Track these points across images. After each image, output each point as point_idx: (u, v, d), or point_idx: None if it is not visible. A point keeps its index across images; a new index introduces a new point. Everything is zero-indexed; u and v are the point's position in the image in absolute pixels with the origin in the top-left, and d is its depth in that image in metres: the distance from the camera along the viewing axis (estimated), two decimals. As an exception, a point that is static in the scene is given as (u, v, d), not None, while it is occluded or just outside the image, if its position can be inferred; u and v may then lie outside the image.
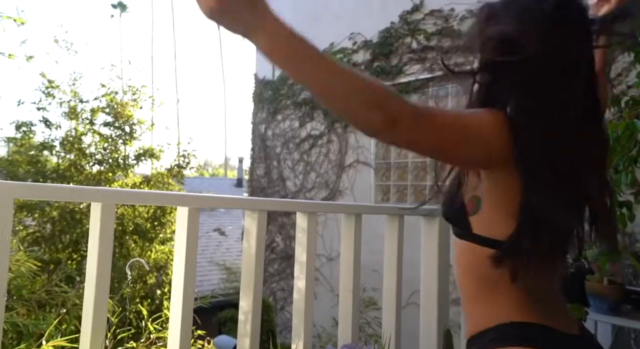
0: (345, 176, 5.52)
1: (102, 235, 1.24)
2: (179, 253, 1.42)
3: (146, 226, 5.01)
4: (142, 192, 2.12)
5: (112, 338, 1.48)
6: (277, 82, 6.53)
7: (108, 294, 1.24)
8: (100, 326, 1.21)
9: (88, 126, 5.37)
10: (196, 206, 1.43)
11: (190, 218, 1.42)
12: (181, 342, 1.35)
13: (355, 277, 1.83)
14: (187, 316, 1.38)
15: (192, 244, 1.43)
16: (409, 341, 2.08)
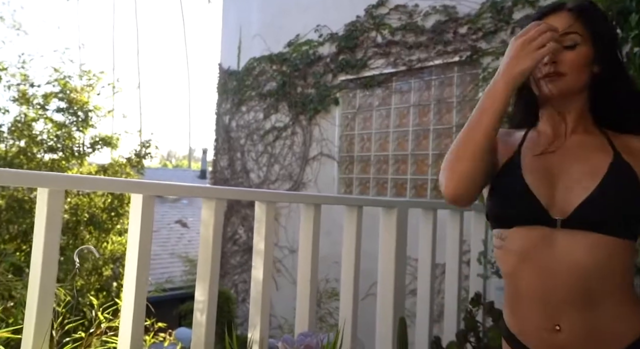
0: (309, 169, 5.53)
1: (49, 223, 1.20)
2: (133, 241, 1.39)
3: (102, 216, 4.86)
4: (94, 178, 2.05)
5: (59, 328, 1.43)
6: (242, 72, 6.45)
7: (54, 284, 1.21)
8: (45, 317, 1.17)
9: (40, 112, 5.14)
10: (151, 193, 1.40)
11: (145, 205, 1.39)
12: (133, 331, 1.32)
13: (313, 267, 1.84)
14: (139, 305, 1.35)
15: (147, 232, 1.40)
16: (367, 331, 2.12)
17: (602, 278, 0.89)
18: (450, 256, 2.44)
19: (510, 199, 0.96)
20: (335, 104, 5.32)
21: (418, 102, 4.68)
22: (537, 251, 0.91)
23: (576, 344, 0.90)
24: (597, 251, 0.88)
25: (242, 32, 6.56)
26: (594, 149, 0.96)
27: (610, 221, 0.89)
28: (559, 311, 0.90)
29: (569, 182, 0.93)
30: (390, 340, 2.02)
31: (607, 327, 0.90)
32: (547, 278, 0.90)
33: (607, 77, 0.96)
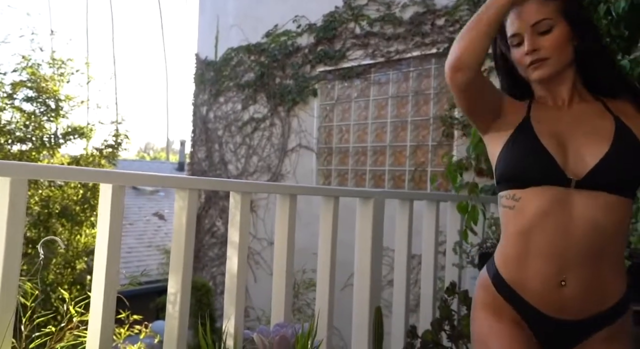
0: (288, 160, 5.51)
1: (12, 214, 1.15)
2: (102, 233, 1.36)
3: (75, 208, 4.75)
4: (59, 167, 1.99)
5: (27, 323, 1.39)
6: (219, 63, 6.36)
7: (17, 277, 1.16)
8: (7, 311, 1.13)
9: (7, 101, 4.96)
10: (120, 183, 1.37)
11: (114, 196, 1.36)
12: (103, 323, 1.29)
13: (289, 257, 1.83)
14: (109, 297, 1.32)
15: (116, 223, 1.37)
16: (346, 321, 2.13)
17: (611, 237, 0.96)
18: (426, 247, 2.47)
19: (527, 158, 1.01)
20: (313, 96, 5.30)
21: (396, 93, 4.70)
22: (555, 211, 0.97)
23: (577, 298, 0.96)
24: (610, 212, 0.95)
25: (220, 21, 6.46)
26: (595, 115, 1.02)
27: (622, 182, 0.96)
28: (567, 267, 0.96)
29: (578, 146, 0.98)
30: (366, 329, 2.03)
31: (605, 284, 0.98)
32: (563, 236, 0.95)
33: (589, 47, 1.02)
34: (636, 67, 1.37)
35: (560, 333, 1.01)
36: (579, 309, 0.98)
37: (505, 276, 1.03)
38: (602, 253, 0.96)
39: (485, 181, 3.47)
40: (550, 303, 0.99)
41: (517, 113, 1.07)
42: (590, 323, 0.99)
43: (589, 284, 0.97)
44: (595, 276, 0.97)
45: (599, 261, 0.96)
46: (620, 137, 0.97)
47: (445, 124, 4.21)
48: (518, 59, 1.03)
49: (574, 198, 0.95)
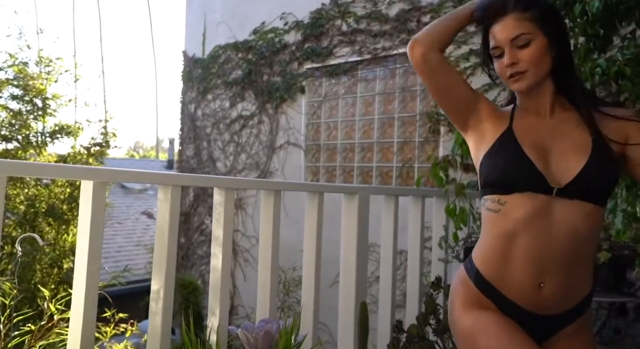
0: (276, 157, 5.50)
1: (-10, 210, 1.14)
2: (83, 231, 1.35)
3: (62, 207, 4.70)
4: (39, 164, 1.96)
5: (6, 321, 1.37)
6: (207, 60, 6.33)
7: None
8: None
9: (-8, 99, 4.89)
10: (102, 180, 1.36)
11: (95, 193, 1.35)
12: (84, 321, 1.29)
13: (273, 253, 1.83)
14: (91, 295, 1.31)
15: (98, 221, 1.36)
16: (334, 318, 2.13)
17: (586, 242, 1.03)
18: (412, 242, 2.48)
19: (511, 167, 1.05)
20: (301, 93, 5.29)
21: (383, 90, 4.71)
22: (538, 217, 1.01)
23: (552, 299, 1.03)
24: (587, 219, 1.01)
25: (207, 19, 6.42)
26: (575, 125, 1.07)
27: (599, 191, 1.02)
28: (546, 271, 1.01)
29: (559, 156, 1.04)
30: (352, 325, 2.04)
31: (578, 284, 1.05)
32: (545, 241, 1.00)
33: (565, 55, 1.07)
34: (612, 66, 1.39)
35: (535, 326, 1.06)
36: (554, 307, 1.05)
37: (486, 274, 1.07)
38: (578, 257, 1.02)
39: (471, 176, 3.50)
40: (528, 300, 1.04)
41: (500, 121, 1.12)
42: (562, 318, 1.06)
43: (566, 286, 1.03)
44: (571, 278, 1.03)
45: (575, 264, 1.02)
46: (598, 148, 1.02)
47: (432, 121, 4.23)
48: (499, 70, 1.09)
49: (555, 206, 1.00)
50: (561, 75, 1.08)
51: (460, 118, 1.16)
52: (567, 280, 1.02)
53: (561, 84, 1.09)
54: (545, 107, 1.09)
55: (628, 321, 2.74)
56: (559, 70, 1.07)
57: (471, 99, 1.13)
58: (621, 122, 1.05)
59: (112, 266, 5.24)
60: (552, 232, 1.00)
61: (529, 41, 1.03)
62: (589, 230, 1.02)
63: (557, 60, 1.06)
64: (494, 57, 1.09)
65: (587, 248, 1.04)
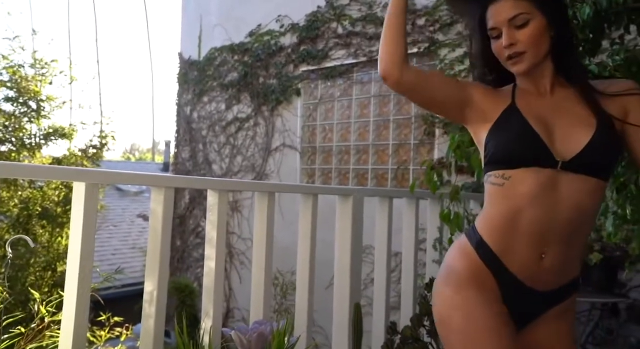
0: (272, 160, 5.50)
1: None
2: (75, 233, 1.35)
3: (56, 210, 4.68)
4: (31, 166, 1.97)
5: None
6: (203, 62, 6.33)
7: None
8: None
9: (-15, 101, 4.86)
10: (94, 182, 1.36)
11: (88, 194, 1.35)
12: (76, 324, 1.29)
13: (267, 255, 1.84)
14: (83, 298, 1.31)
15: (90, 222, 1.36)
16: (330, 320, 2.13)
17: (588, 217, 1.04)
18: (406, 244, 2.49)
19: (519, 140, 1.05)
20: (297, 95, 5.30)
21: (378, 92, 4.72)
22: (543, 191, 1.02)
23: (552, 270, 1.04)
24: (592, 194, 1.02)
25: (203, 21, 6.42)
26: (576, 102, 1.06)
27: (603, 166, 1.03)
28: (548, 243, 1.02)
29: (564, 131, 1.03)
30: (346, 326, 2.04)
31: (574, 259, 1.07)
32: (549, 215, 1.01)
33: (564, 35, 1.07)
34: (603, 71, 1.41)
35: (530, 303, 1.07)
36: (551, 280, 1.06)
37: (491, 244, 1.06)
38: (578, 231, 1.04)
39: (465, 178, 3.51)
40: (528, 273, 1.05)
41: (500, 99, 1.11)
42: (555, 294, 1.08)
43: (564, 258, 1.04)
44: (570, 251, 1.05)
45: (574, 238, 1.04)
46: (602, 123, 1.02)
47: (427, 123, 4.25)
48: (497, 51, 1.08)
49: (561, 180, 1.01)
50: (560, 55, 1.07)
51: (455, 115, 1.16)
52: (566, 252, 1.04)
53: (560, 64, 1.08)
54: (545, 87, 1.09)
55: (620, 321, 2.75)
56: (558, 50, 1.07)
57: (459, 95, 1.13)
58: (618, 97, 1.04)
59: (107, 268, 5.21)
60: (558, 205, 1.01)
61: (527, 21, 1.02)
62: (592, 205, 1.03)
63: (555, 40, 1.05)
64: (491, 38, 1.08)
65: (587, 224, 1.06)
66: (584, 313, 2.76)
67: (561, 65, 1.08)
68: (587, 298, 2.40)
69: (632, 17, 1.41)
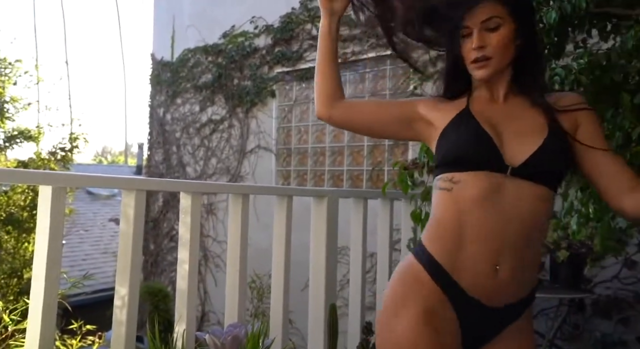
0: (247, 162, 5.47)
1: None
2: (42, 238, 1.31)
3: (22, 215, 4.53)
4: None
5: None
6: (176, 64, 6.24)
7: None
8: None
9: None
10: (61, 185, 1.33)
11: (55, 198, 1.31)
12: (42, 333, 1.25)
13: (242, 257, 1.82)
14: (49, 305, 1.28)
15: (57, 228, 1.32)
16: (306, 321, 2.13)
17: (537, 226, 1.02)
18: (381, 244, 2.51)
19: (471, 143, 1.04)
20: (272, 97, 5.28)
21: (353, 94, 4.75)
22: (491, 196, 1.00)
23: (505, 283, 1.00)
24: (539, 201, 1.00)
25: (175, 22, 6.34)
26: (528, 108, 1.06)
27: (552, 174, 1.02)
28: (501, 252, 0.99)
29: (513, 137, 1.03)
30: (322, 327, 2.05)
31: (528, 270, 1.03)
32: (499, 221, 0.99)
33: (529, 48, 1.07)
34: (569, 74, 1.45)
35: (485, 323, 1.02)
36: (509, 293, 1.01)
37: (442, 260, 1.01)
38: (530, 240, 1.01)
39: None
40: (482, 288, 0.99)
41: (451, 108, 1.11)
42: (514, 309, 1.03)
43: (518, 270, 1.00)
44: (523, 262, 1.01)
45: (526, 248, 1.01)
46: (553, 131, 1.02)
47: (401, 124, 4.29)
48: (465, 51, 1.06)
49: (508, 186, 0.99)
50: (522, 65, 1.07)
51: (405, 134, 1.20)
52: (520, 265, 1.00)
53: (519, 73, 1.08)
54: (499, 93, 1.09)
55: (586, 316, 2.84)
56: (521, 60, 1.07)
57: (402, 114, 1.15)
58: (568, 112, 1.04)
59: (78, 274, 5.08)
60: (506, 211, 0.98)
61: (499, 25, 1.02)
62: (540, 215, 1.01)
63: (520, 50, 1.05)
64: (461, 37, 1.06)
65: (537, 233, 1.03)
66: (552, 309, 2.84)
67: (519, 75, 1.08)
68: (555, 294, 2.47)
69: (593, 22, 1.46)
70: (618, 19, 1.46)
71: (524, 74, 1.08)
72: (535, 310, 2.95)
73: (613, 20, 1.48)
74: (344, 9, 1.23)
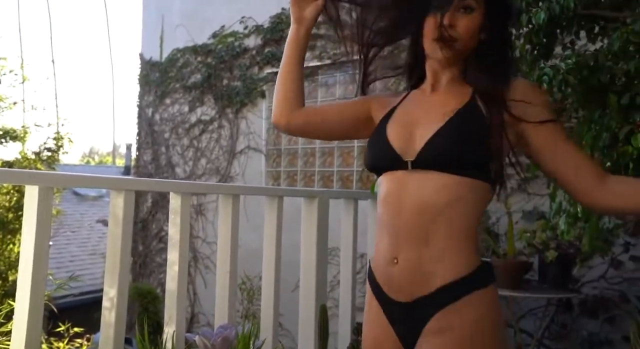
0: (237, 162, 5.44)
1: None
2: (28, 239, 1.29)
3: (7, 216, 4.45)
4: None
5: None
6: (165, 64, 6.20)
7: None
8: None
9: None
10: (48, 185, 1.31)
11: (41, 199, 1.29)
12: (28, 335, 1.23)
13: (232, 258, 1.82)
14: (36, 306, 1.26)
15: (44, 229, 1.30)
16: (297, 323, 2.12)
17: (441, 218, 0.95)
18: (372, 245, 2.51)
19: (374, 150, 1.07)
20: (262, 97, 5.27)
21: (343, 95, 4.76)
22: (394, 192, 1.00)
23: (404, 276, 0.98)
24: (441, 191, 0.95)
25: (164, 21, 6.29)
26: (454, 99, 1.01)
27: (452, 160, 0.95)
28: (399, 246, 0.99)
29: (421, 128, 1.00)
30: (312, 328, 2.04)
31: (429, 266, 0.96)
32: (396, 216, 0.99)
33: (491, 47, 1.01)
34: (557, 75, 1.46)
35: (404, 319, 1.00)
36: (405, 290, 0.98)
37: (371, 262, 1.08)
38: (428, 234, 0.96)
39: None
40: (387, 281, 1.01)
41: (388, 107, 1.11)
42: (417, 307, 0.97)
43: (416, 264, 0.96)
44: (421, 256, 0.96)
45: (425, 242, 0.96)
46: (459, 116, 0.97)
47: (391, 125, 4.31)
48: (430, 27, 0.99)
49: (412, 180, 0.98)
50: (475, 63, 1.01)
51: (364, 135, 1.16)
52: (416, 259, 0.96)
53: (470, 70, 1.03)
54: (441, 84, 1.05)
55: (573, 316, 2.87)
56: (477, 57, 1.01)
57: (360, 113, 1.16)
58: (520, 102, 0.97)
59: (65, 276, 5.01)
60: (403, 206, 0.98)
61: (472, 9, 0.97)
62: (445, 205, 0.94)
63: (480, 45, 1.00)
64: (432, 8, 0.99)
65: (442, 226, 0.95)
66: (541, 309, 2.86)
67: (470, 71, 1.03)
68: (543, 294, 2.49)
69: (581, 24, 1.48)
70: (605, 21, 1.48)
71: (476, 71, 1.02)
72: (523, 310, 2.99)
73: (601, 23, 1.49)
74: (315, 19, 1.20)
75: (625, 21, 1.33)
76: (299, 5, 1.18)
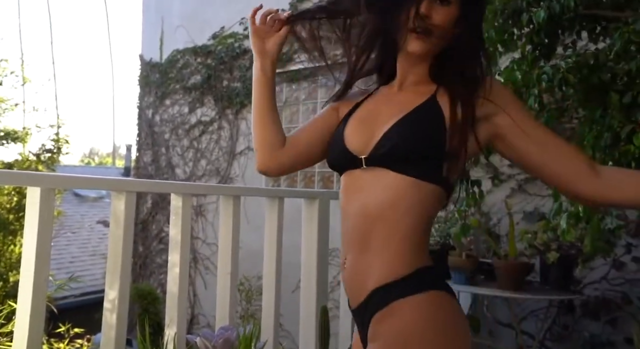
0: (237, 163, 5.44)
1: None
2: (30, 240, 1.29)
3: (8, 217, 4.45)
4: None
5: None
6: (165, 65, 6.20)
7: None
8: None
9: None
10: (49, 186, 1.30)
11: (43, 200, 1.29)
12: (30, 336, 1.22)
13: (233, 260, 1.81)
14: (37, 307, 1.25)
15: (46, 230, 1.30)
16: (298, 324, 2.12)
17: (383, 219, 0.90)
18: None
19: (331, 148, 1.04)
20: (262, 98, 5.27)
21: (343, 96, 4.76)
22: (349, 193, 0.97)
23: (349, 281, 0.96)
24: (388, 191, 0.90)
25: (164, 22, 6.30)
26: (419, 97, 0.96)
27: (401, 157, 0.90)
28: (347, 250, 0.96)
29: (380, 125, 0.95)
30: (313, 329, 2.04)
31: (369, 269, 0.92)
32: (345, 218, 0.97)
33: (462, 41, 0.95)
34: (557, 73, 1.45)
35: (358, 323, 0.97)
36: (353, 295, 0.96)
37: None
38: (370, 236, 0.91)
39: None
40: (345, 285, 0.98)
41: (354, 103, 1.08)
42: (358, 313, 0.95)
43: (356, 269, 0.94)
44: (362, 260, 0.93)
45: (367, 245, 0.92)
46: (415, 113, 0.93)
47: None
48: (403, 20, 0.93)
49: (364, 178, 0.94)
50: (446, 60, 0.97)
51: None
52: (357, 261, 0.93)
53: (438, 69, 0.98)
54: (409, 81, 1.00)
55: (575, 317, 2.87)
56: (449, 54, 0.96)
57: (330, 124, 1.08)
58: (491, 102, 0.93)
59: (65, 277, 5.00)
60: (350, 207, 0.95)
61: (449, 3, 0.91)
62: (388, 205, 0.90)
63: (452, 41, 0.94)
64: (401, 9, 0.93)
65: (383, 226, 0.90)
66: (542, 310, 2.86)
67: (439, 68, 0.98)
68: (545, 295, 2.49)
69: (583, 24, 1.48)
70: (607, 21, 1.48)
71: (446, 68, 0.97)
72: (525, 311, 2.99)
73: (602, 23, 1.49)
74: (278, 51, 1.13)
75: (627, 21, 1.33)
76: (259, 36, 1.12)
